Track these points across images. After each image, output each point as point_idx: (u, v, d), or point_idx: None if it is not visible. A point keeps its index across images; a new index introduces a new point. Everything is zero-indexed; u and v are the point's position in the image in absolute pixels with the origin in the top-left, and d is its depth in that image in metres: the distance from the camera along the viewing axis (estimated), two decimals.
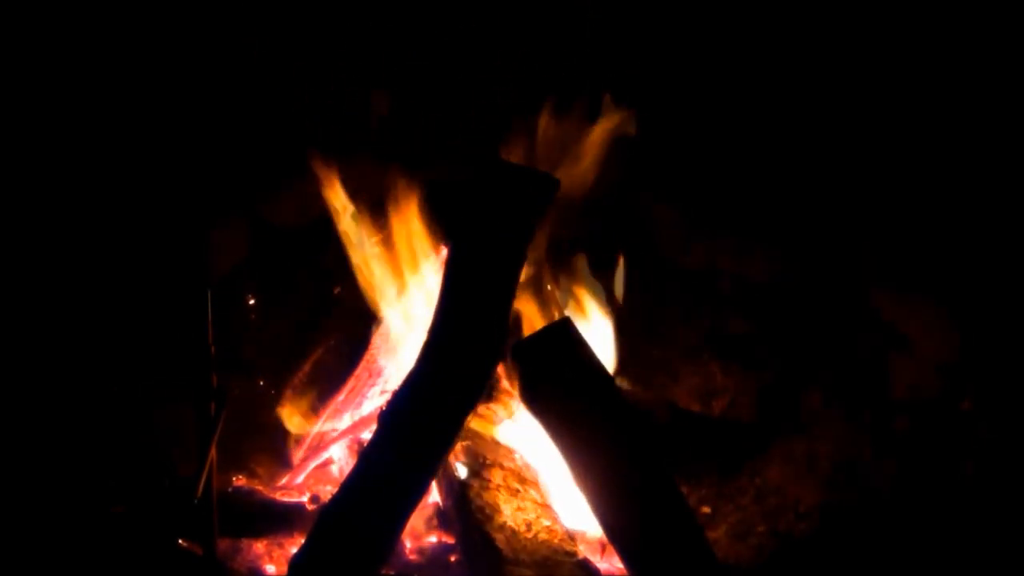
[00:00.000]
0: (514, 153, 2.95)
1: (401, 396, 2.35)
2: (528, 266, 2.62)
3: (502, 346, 2.38)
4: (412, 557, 2.66)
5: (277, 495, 2.86)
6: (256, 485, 2.95)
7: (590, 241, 3.29)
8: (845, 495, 2.82)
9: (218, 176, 3.28)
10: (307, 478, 3.01)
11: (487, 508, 2.52)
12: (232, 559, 2.65)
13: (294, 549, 2.47)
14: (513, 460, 2.72)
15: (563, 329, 2.42)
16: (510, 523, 2.48)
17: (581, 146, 3.05)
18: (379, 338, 3.03)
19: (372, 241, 3.06)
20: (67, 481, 2.69)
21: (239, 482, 2.96)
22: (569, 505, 2.65)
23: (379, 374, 3.02)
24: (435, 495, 2.76)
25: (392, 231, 3.03)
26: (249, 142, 3.33)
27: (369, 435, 2.52)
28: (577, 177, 3.01)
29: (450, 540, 2.70)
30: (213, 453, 2.40)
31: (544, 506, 2.59)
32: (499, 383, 2.72)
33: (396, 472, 2.27)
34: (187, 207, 3.21)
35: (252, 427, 3.07)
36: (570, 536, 2.52)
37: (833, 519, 2.75)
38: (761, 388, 3.19)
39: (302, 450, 3.05)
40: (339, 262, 3.14)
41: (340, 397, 3.04)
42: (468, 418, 2.36)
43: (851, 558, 2.63)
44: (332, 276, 3.35)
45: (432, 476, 2.33)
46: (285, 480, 2.99)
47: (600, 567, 2.49)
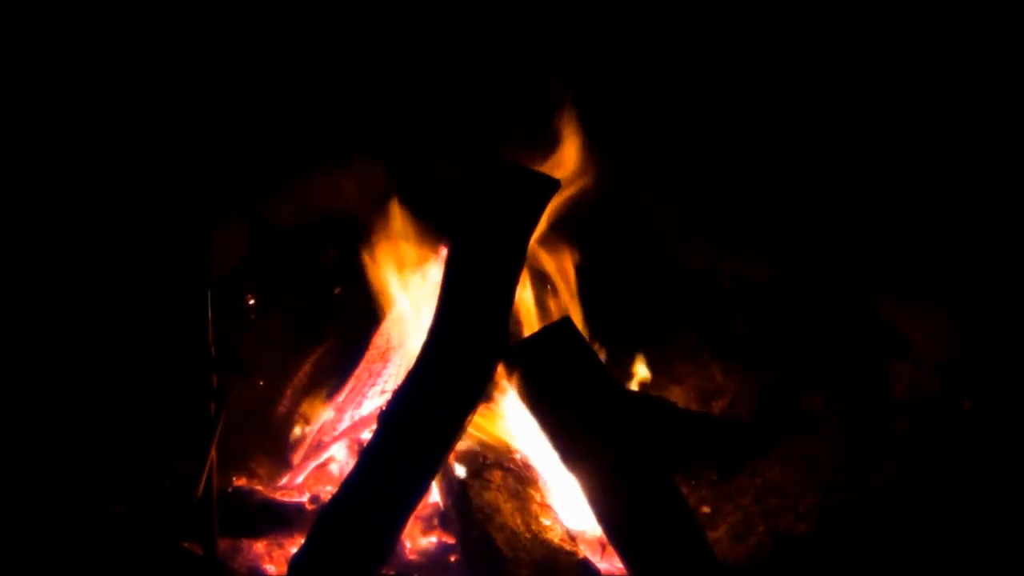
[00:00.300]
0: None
1: (401, 396, 2.35)
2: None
3: (502, 346, 2.39)
4: (412, 557, 2.66)
5: (277, 495, 2.85)
6: (256, 485, 2.95)
7: (590, 241, 3.30)
8: (845, 495, 2.82)
9: (218, 176, 3.28)
10: (307, 478, 3.00)
11: (487, 508, 2.52)
12: (232, 559, 2.65)
13: (294, 549, 2.47)
14: (513, 460, 2.72)
15: (564, 329, 2.42)
16: (510, 523, 2.48)
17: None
18: (379, 338, 3.03)
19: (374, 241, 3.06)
20: (67, 481, 2.69)
21: (239, 482, 2.96)
22: (569, 505, 2.65)
23: (379, 374, 3.02)
24: (435, 495, 2.76)
25: (391, 231, 3.04)
26: (249, 142, 3.33)
27: (369, 435, 2.52)
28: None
29: (450, 540, 2.70)
30: (213, 453, 2.40)
31: (544, 506, 2.59)
32: (499, 383, 2.72)
33: (396, 472, 2.27)
34: (187, 207, 3.20)
35: (252, 427, 3.07)
36: (570, 536, 2.52)
37: (833, 519, 2.75)
38: (761, 388, 3.19)
39: (302, 450, 3.05)
40: (339, 262, 3.14)
41: (340, 397, 3.04)
42: (468, 418, 2.37)
43: (851, 558, 2.63)
44: (332, 276, 3.35)
45: (432, 476, 2.33)
46: (285, 480, 2.99)
47: (600, 567, 2.49)
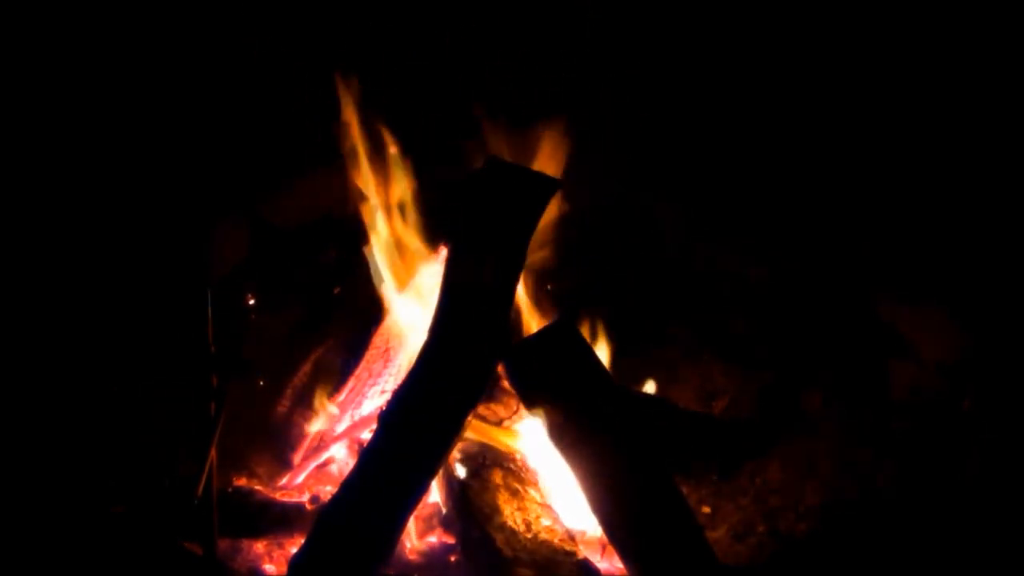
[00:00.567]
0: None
1: (401, 396, 2.35)
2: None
3: (502, 346, 2.38)
4: (412, 557, 2.66)
5: (277, 495, 2.85)
6: (256, 485, 2.95)
7: (590, 242, 3.30)
8: (845, 495, 2.82)
9: (219, 176, 3.28)
10: (307, 478, 3.00)
11: (487, 508, 2.52)
12: (232, 559, 2.65)
13: (294, 549, 2.47)
14: (513, 460, 2.72)
15: (564, 329, 2.42)
16: (510, 523, 2.48)
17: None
18: (379, 338, 3.03)
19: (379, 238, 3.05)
20: (67, 481, 2.69)
21: (239, 482, 2.96)
22: (569, 505, 2.64)
23: (379, 374, 3.02)
24: (435, 495, 2.76)
25: (391, 229, 3.03)
26: (249, 142, 3.33)
27: (369, 435, 2.52)
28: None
29: (450, 540, 2.70)
30: (213, 453, 2.40)
31: (544, 506, 2.59)
32: (499, 383, 2.72)
33: (396, 472, 2.27)
34: (187, 207, 3.20)
35: (252, 427, 3.07)
36: (570, 536, 2.52)
37: (833, 519, 2.75)
38: (761, 388, 3.19)
39: (302, 450, 3.05)
40: (339, 262, 3.14)
41: (340, 397, 3.04)
42: (468, 418, 2.37)
43: (851, 558, 2.63)
44: (332, 276, 3.35)
45: (432, 476, 2.33)
46: (285, 480, 2.99)
47: (600, 567, 2.49)
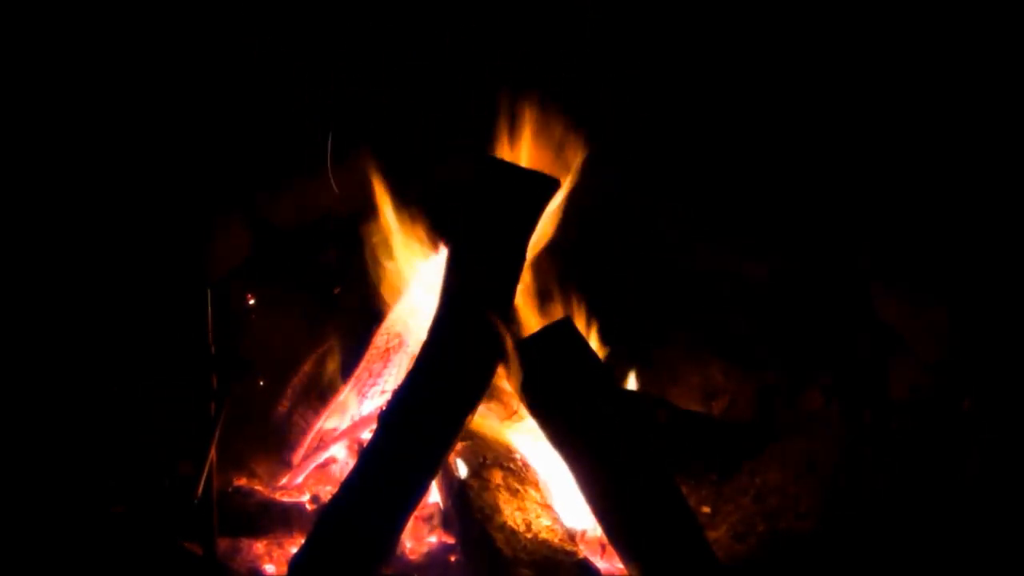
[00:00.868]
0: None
1: (401, 396, 2.35)
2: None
3: (502, 346, 2.38)
4: (412, 557, 2.66)
5: (277, 495, 2.86)
6: (256, 485, 2.95)
7: (590, 242, 3.29)
8: (845, 495, 2.81)
9: (219, 175, 3.28)
10: (307, 478, 3.00)
11: (487, 508, 2.52)
12: (232, 559, 2.65)
13: (294, 549, 2.47)
14: (513, 460, 2.72)
15: (564, 329, 2.42)
16: (510, 523, 2.48)
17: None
18: (379, 338, 3.03)
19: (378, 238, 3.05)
20: (67, 481, 2.69)
21: (239, 482, 2.96)
22: (569, 505, 2.64)
23: (379, 374, 3.02)
24: (435, 495, 2.76)
25: (390, 230, 3.03)
26: (250, 141, 3.33)
27: (369, 435, 2.52)
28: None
29: (450, 540, 2.70)
30: (213, 453, 2.41)
31: (544, 506, 2.59)
32: (499, 383, 2.72)
33: (396, 472, 2.27)
34: (188, 206, 3.20)
35: (252, 427, 3.07)
36: (570, 536, 2.52)
37: (833, 519, 2.75)
38: (761, 388, 3.19)
39: (302, 450, 3.05)
40: (339, 262, 3.14)
41: (340, 397, 3.04)
42: (468, 418, 2.37)
43: (851, 558, 2.62)
44: (332, 276, 3.35)
45: (432, 476, 2.33)
46: (285, 480, 2.99)
47: (600, 567, 2.49)
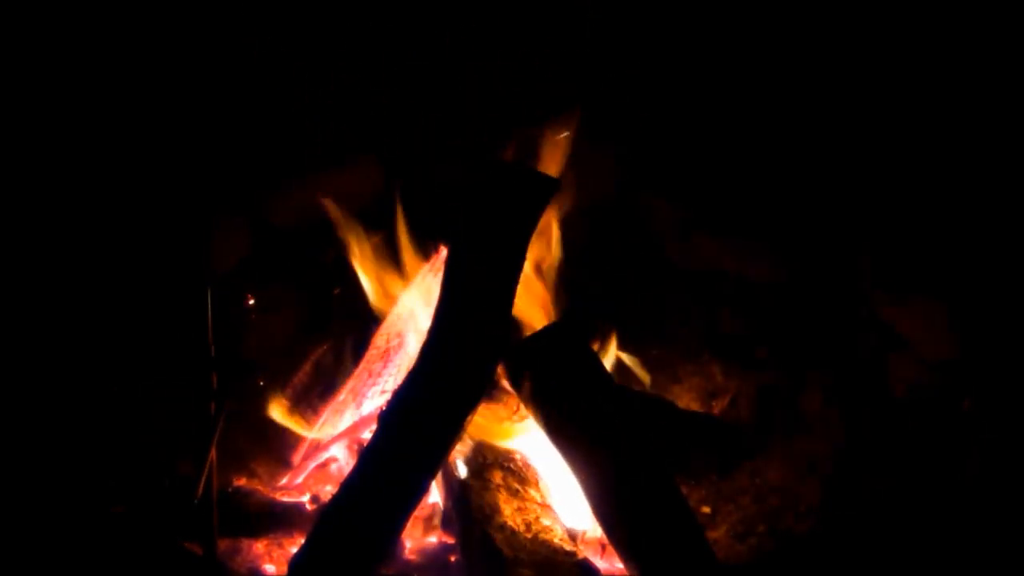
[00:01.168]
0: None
1: (401, 396, 2.35)
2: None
3: (502, 346, 2.38)
4: (412, 557, 2.66)
5: (277, 495, 2.85)
6: (256, 485, 2.95)
7: (590, 242, 3.29)
8: (845, 495, 2.82)
9: (219, 175, 3.28)
10: (307, 478, 3.00)
11: (487, 508, 2.52)
12: (232, 559, 2.65)
13: (294, 549, 2.47)
14: (513, 460, 2.72)
15: (564, 329, 2.42)
16: (510, 523, 2.48)
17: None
18: (379, 338, 3.03)
19: (372, 242, 3.05)
20: (67, 481, 2.69)
21: (239, 482, 2.96)
22: (569, 505, 2.65)
23: (379, 374, 3.02)
24: (435, 495, 2.76)
25: (391, 230, 3.04)
26: (250, 142, 3.33)
27: (369, 435, 2.52)
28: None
29: (450, 540, 2.70)
30: (213, 453, 2.40)
31: (544, 506, 2.59)
32: (499, 383, 2.72)
33: (396, 472, 2.27)
34: (188, 206, 3.21)
35: (252, 427, 3.07)
36: (570, 536, 2.52)
37: (833, 519, 2.75)
38: (761, 388, 3.19)
39: (302, 450, 3.05)
40: (339, 262, 3.14)
41: (340, 397, 3.04)
42: (468, 418, 2.36)
43: (851, 558, 2.63)
44: (332, 276, 3.35)
45: (432, 476, 2.33)
46: (285, 480, 2.99)
47: (600, 567, 2.49)
